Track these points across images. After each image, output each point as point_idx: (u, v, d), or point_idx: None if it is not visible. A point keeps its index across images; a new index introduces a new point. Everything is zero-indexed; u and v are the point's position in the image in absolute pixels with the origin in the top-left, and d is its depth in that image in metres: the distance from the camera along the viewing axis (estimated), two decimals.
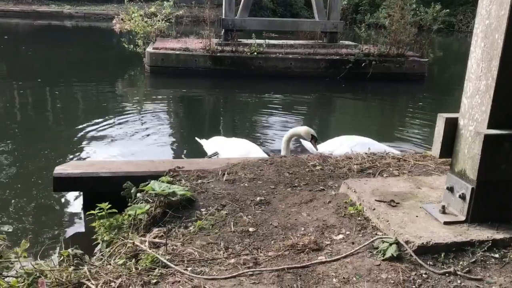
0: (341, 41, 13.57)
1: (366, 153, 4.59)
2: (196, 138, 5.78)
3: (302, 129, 5.29)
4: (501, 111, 2.62)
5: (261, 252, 2.74)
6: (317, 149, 5.26)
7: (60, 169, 4.01)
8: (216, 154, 5.39)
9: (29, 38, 20.85)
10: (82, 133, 7.24)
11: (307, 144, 5.68)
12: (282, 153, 5.15)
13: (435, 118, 2.96)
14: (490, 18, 2.59)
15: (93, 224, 3.33)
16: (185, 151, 6.92)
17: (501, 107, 2.61)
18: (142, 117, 8.42)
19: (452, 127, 2.85)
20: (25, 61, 14.86)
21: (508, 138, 2.59)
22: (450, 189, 2.87)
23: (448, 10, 18.66)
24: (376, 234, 2.80)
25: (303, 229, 2.95)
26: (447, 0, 26.78)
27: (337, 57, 12.15)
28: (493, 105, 2.59)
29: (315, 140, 5.28)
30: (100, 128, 7.53)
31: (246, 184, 3.79)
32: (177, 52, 11.72)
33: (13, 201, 4.80)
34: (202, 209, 3.33)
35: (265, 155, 5.15)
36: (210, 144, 5.64)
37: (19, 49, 17.05)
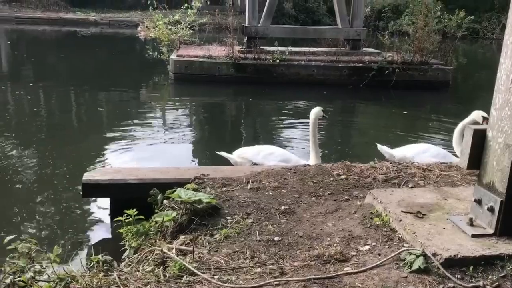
0: (364, 49, 13.51)
1: (391, 163, 4.58)
2: (222, 153, 5.56)
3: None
4: None
5: (287, 261, 2.75)
6: None
7: (89, 176, 4.10)
8: (255, 165, 5.32)
9: (56, 44, 21.33)
10: (108, 139, 7.37)
11: (384, 149, 5.77)
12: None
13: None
14: None
15: (121, 230, 3.39)
16: (209, 157, 6.98)
17: None
18: (167, 123, 8.53)
19: (480, 139, 2.82)
20: (51, 67, 15.21)
21: None
22: (478, 202, 2.84)
23: (472, 16, 18.44)
24: (402, 245, 2.79)
25: (328, 239, 2.96)
26: (472, 6, 26.43)
27: (360, 64, 12.11)
28: None
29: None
30: (126, 134, 7.66)
31: (270, 193, 3.81)
32: (201, 60, 11.84)
33: (42, 206, 4.92)
34: (228, 217, 3.36)
35: (304, 162, 5.18)
36: (244, 156, 5.45)
37: (45, 55, 17.45)
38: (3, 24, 25.81)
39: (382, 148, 5.86)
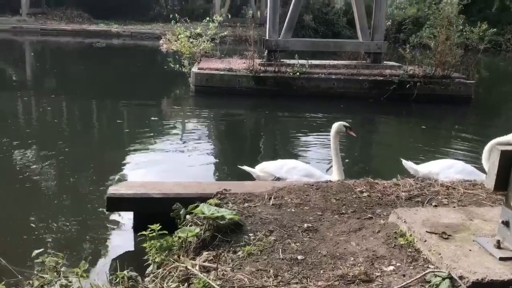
0: (385, 62, 13.46)
1: (414, 180, 4.54)
2: (245, 167, 5.61)
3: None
4: None
5: (310, 281, 2.75)
6: None
7: (114, 190, 4.17)
8: (277, 180, 5.34)
9: (78, 56, 21.76)
10: (129, 151, 7.47)
11: (408, 164, 5.77)
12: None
13: (483, 142, 2.91)
14: None
15: (144, 245, 3.42)
16: (230, 171, 7.02)
17: None
18: (188, 136, 8.61)
19: (508, 160, 2.79)
20: (73, 78, 15.52)
21: None
22: (506, 223, 2.80)
23: (495, 29, 18.25)
24: (427, 267, 2.76)
25: (352, 259, 2.95)
26: (494, 18, 26.17)
27: (381, 77, 12.07)
28: None
29: None
30: (147, 147, 7.76)
31: (292, 210, 3.81)
32: (221, 72, 11.94)
33: (65, 219, 4.98)
34: (250, 234, 3.37)
35: (327, 177, 5.19)
36: (267, 170, 5.49)
37: (67, 67, 17.82)
38: (29, 35, 26.52)
39: (407, 164, 5.85)
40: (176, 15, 13.95)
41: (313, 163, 6.91)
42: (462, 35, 13.28)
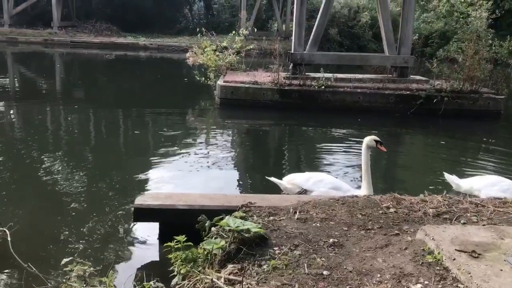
0: (411, 76, 13.33)
1: (441, 196, 4.47)
2: (272, 179, 5.67)
3: None
4: None
5: None
6: None
7: (141, 200, 4.22)
8: (304, 192, 5.37)
9: (105, 67, 22.23)
10: (155, 162, 7.56)
11: (451, 178, 5.81)
12: None
13: (511, 159, 2.85)
14: None
15: (169, 256, 3.45)
16: (255, 184, 7.03)
17: None
18: (212, 148, 8.67)
19: None
20: (102, 89, 15.84)
21: None
22: None
23: None
24: (456, 286, 2.71)
25: (379, 275, 2.91)
26: None
27: (408, 92, 11.94)
28: None
29: None
30: (173, 158, 7.83)
31: (318, 224, 3.79)
32: (246, 85, 12.02)
33: (92, 228, 5.05)
34: (275, 248, 3.36)
35: (355, 191, 5.19)
36: (294, 182, 5.54)
37: (96, 79, 18.20)
38: (59, 48, 27.25)
39: (450, 178, 5.82)
40: (203, 28, 14.15)
41: (339, 177, 6.87)
42: (491, 50, 13.09)
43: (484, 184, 5.49)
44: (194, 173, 7.11)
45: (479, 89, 11.91)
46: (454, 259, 2.87)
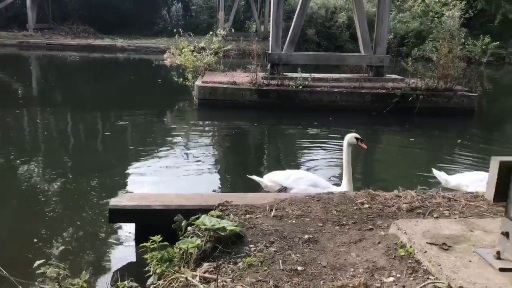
0: (387, 75, 13.51)
1: (415, 192, 4.54)
2: (254, 177, 5.75)
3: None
4: None
5: None
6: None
7: (116, 201, 4.19)
8: (284, 189, 5.45)
9: (82, 70, 21.95)
10: (133, 164, 7.51)
11: (439, 174, 5.92)
12: None
13: (485, 155, 2.92)
14: None
15: (145, 256, 3.43)
16: (232, 184, 7.04)
17: None
18: (191, 148, 8.64)
19: (506, 171, 2.80)
20: (78, 92, 15.63)
21: None
22: (506, 234, 2.80)
23: (498, 42, 18.30)
24: (427, 278, 2.76)
25: (352, 270, 2.95)
26: (497, 32, 26.29)
27: (383, 91, 12.10)
28: None
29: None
30: (151, 159, 7.79)
31: (293, 221, 3.82)
32: (225, 86, 12.02)
33: (68, 230, 5.01)
34: (251, 245, 3.38)
35: (334, 188, 5.27)
36: (275, 179, 5.64)
37: (73, 81, 17.96)
38: (35, 50, 26.78)
39: (438, 174, 5.90)
40: (180, 29, 14.09)
41: (318, 175, 6.94)
42: (464, 48, 13.34)
43: (472, 180, 5.59)
44: (172, 174, 7.08)
45: (453, 87, 12.14)
46: (425, 252, 2.93)
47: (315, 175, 6.06)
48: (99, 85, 17.14)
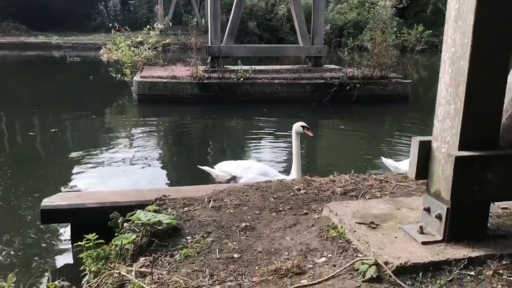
0: (325, 65, 13.82)
1: (349, 176, 4.69)
2: (205, 167, 5.91)
3: None
4: (470, 134, 2.74)
5: (245, 277, 2.79)
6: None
7: (48, 202, 4.05)
8: (233, 178, 5.54)
9: (17, 69, 20.95)
10: (71, 163, 7.28)
11: (388, 162, 6.07)
12: None
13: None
14: (455, 46, 2.73)
15: (81, 255, 3.36)
16: (173, 179, 6.98)
17: (470, 130, 2.73)
18: (131, 145, 8.49)
19: (426, 150, 2.96)
20: (12, 92, 14.93)
21: (478, 159, 2.70)
22: (427, 210, 2.96)
23: (430, 31, 19.14)
24: (356, 256, 2.87)
25: (286, 253, 3.02)
26: (430, 21, 27.43)
27: (322, 80, 12.38)
28: (463, 128, 2.71)
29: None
30: (89, 158, 7.58)
31: (231, 211, 3.85)
32: (165, 80, 11.86)
33: (0, 235, 4.80)
34: (188, 237, 3.38)
35: (282, 176, 5.37)
36: (225, 169, 5.82)
37: (6, 81, 17.12)
38: None
39: (387, 162, 6.08)
40: (116, 24, 13.75)
41: (265, 163, 7.05)
42: (397, 37, 13.84)
43: None
44: (112, 172, 6.94)
45: (388, 74, 12.61)
46: (355, 231, 3.04)
47: (265, 164, 6.19)
48: (34, 84, 16.40)
